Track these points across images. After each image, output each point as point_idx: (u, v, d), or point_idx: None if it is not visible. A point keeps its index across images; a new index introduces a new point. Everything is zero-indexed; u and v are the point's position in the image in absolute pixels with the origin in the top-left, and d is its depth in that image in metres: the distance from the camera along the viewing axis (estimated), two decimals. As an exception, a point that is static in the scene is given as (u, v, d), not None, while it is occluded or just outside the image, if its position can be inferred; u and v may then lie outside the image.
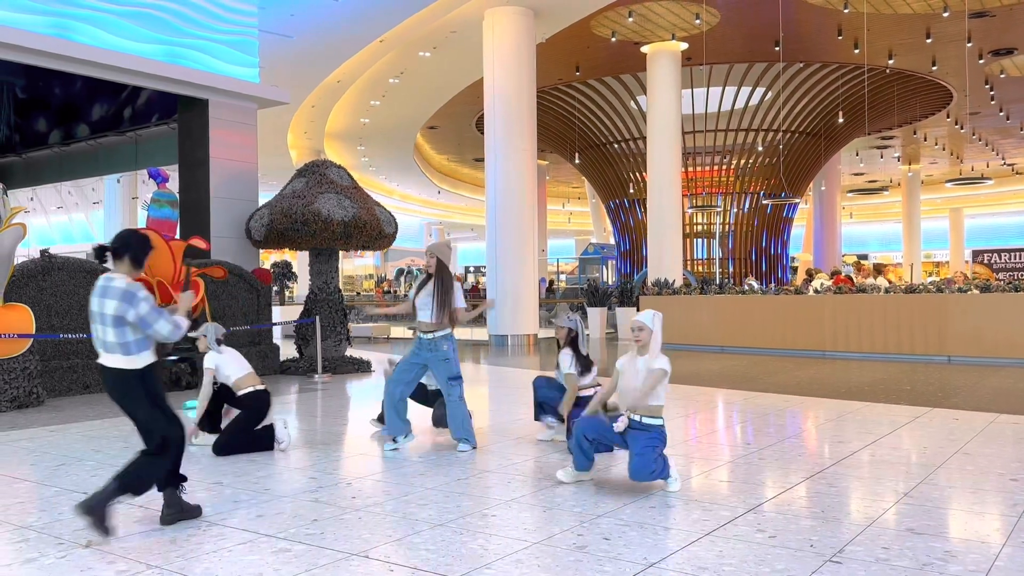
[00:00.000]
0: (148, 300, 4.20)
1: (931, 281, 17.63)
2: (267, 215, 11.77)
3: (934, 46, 21.23)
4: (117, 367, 4.20)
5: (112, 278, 4.22)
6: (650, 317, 5.04)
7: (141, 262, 4.37)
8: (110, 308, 4.15)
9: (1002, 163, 37.36)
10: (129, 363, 4.21)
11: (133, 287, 4.19)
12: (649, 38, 21.07)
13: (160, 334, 4.23)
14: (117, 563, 3.74)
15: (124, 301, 4.14)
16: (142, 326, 4.18)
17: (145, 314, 4.17)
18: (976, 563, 3.67)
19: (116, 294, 4.15)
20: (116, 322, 4.16)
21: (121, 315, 4.14)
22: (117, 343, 4.18)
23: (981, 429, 6.97)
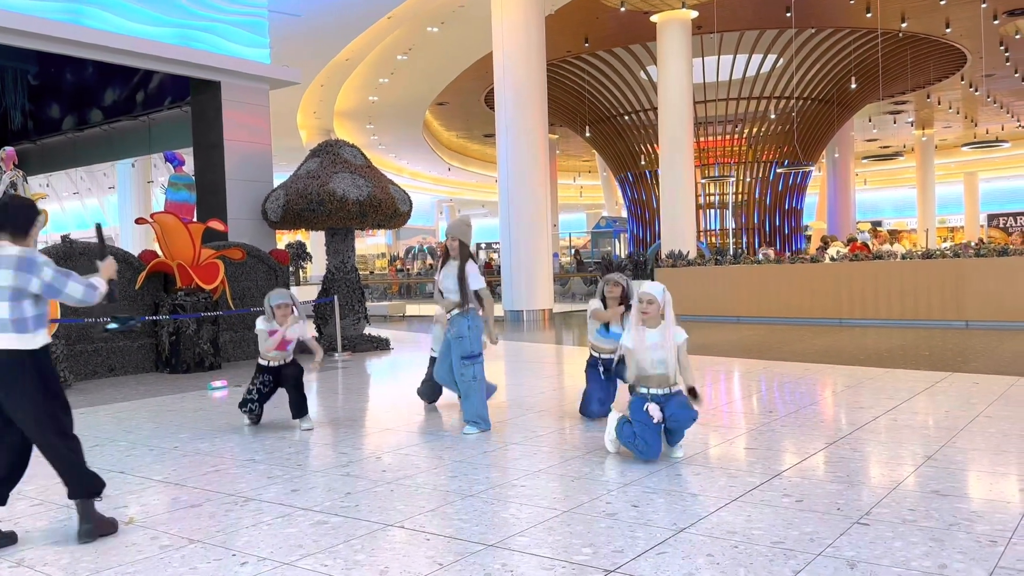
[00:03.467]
0: (50, 264, 3.70)
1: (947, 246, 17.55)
2: (283, 196, 11.82)
3: (948, 8, 20.97)
4: (10, 348, 3.64)
5: (2, 247, 3.66)
6: (660, 290, 4.95)
7: (26, 232, 3.76)
8: (6, 279, 3.60)
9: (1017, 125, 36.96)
10: (27, 343, 3.67)
11: (30, 252, 3.68)
12: (659, 7, 20.88)
13: (73, 298, 3.76)
14: (160, 539, 3.84)
15: (22, 270, 3.62)
16: (49, 293, 3.69)
17: (51, 279, 3.67)
18: (1003, 522, 3.72)
19: (10, 263, 3.62)
20: (13, 295, 3.62)
21: (21, 286, 3.62)
22: (9, 319, 3.63)
23: (1001, 393, 7.00)
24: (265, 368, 6.52)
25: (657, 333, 4.93)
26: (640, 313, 4.94)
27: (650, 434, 4.86)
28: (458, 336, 6.10)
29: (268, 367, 6.52)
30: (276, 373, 6.51)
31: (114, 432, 6.52)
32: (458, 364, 6.11)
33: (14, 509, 4.41)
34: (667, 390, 4.95)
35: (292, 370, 6.50)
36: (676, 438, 5.05)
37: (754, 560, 3.33)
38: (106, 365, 10.19)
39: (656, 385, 4.95)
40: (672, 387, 4.97)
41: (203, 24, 12.25)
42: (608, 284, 6.17)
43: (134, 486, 4.83)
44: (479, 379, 6.10)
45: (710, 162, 27.79)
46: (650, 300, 4.92)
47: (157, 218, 10.47)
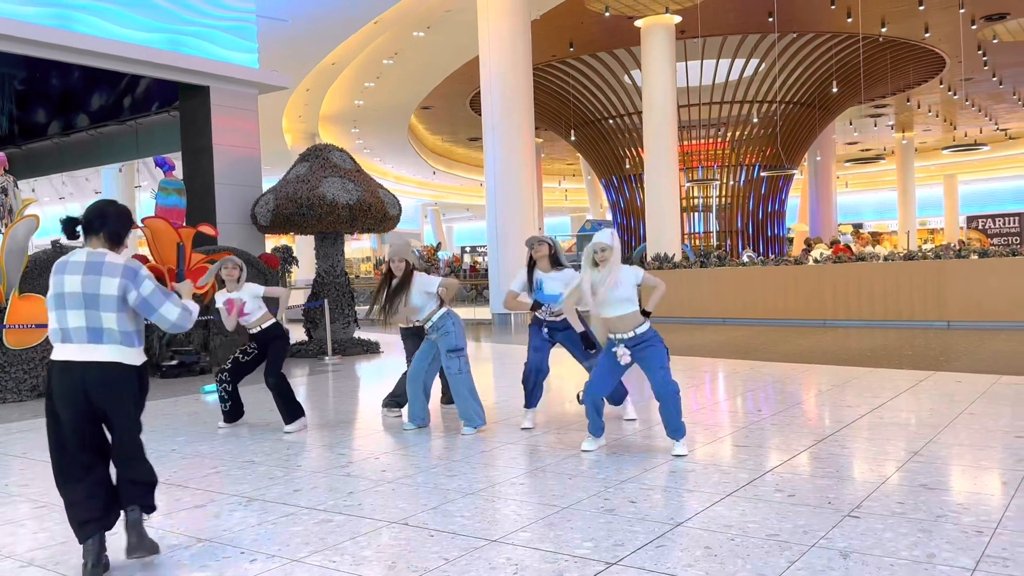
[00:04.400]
0: (151, 278, 3.45)
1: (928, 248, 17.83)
2: (272, 200, 11.87)
3: (927, 13, 21.26)
4: (116, 361, 3.35)
5: (104, 252, 3.38)
6: (609, 235, 5.21)
7: (121, 239, 3.49)
8: (111, 287, 3.31)
9: (995, 128, 37.45)
10: (130, 357, 3.39)
11: (133, 262, 3.43)
12: (643, 12, 21.07)
13: (167, 320, 3.46)
14: (168, 538, 3.90)
15: (128, 279, 3.35)
16: (143, 309, 3.40)
17: (149, 295, 3.38)
18: (987, 514, 3.86)
19: (116, 270, 3.34)
20: (119, 304, 3.34)
21: (124, 295, 3.34)
22: (119, 331, 3.35)
23: (984, 391, 7.17)
24: (250, 335, 6.63)
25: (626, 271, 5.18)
26: (599, 261, 5.17)
27: (606, 370, 5.22)
28: (444, 333, 6.18)
29: (252, 334, 6.61)
30: (258, 339, 6.59)
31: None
32: (445, 358, 6.20)
33: (17, 511, 4.46)
34: (632, 334, 5.13)
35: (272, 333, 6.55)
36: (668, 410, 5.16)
37: (751, 552, 3.44)
38: (97, 370, 10.19)
39: (626, 328, 5.14)
40: (640, 326, 5.14)
41: (192, 29, 12.29)
42: (533, 245, 6.17)
43: (136, 488, 4.88)
44: (464, 372, 6.18)
45: (693, 165, 28.01)
46: (603, 248, 5.16)
47: (148, 223, 10.49)
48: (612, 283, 5.08)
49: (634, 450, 5.38)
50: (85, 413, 3.38)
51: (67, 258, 3.39)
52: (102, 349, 3.33)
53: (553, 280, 6.08)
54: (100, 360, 3.32)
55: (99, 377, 3.32)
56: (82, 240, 3.51)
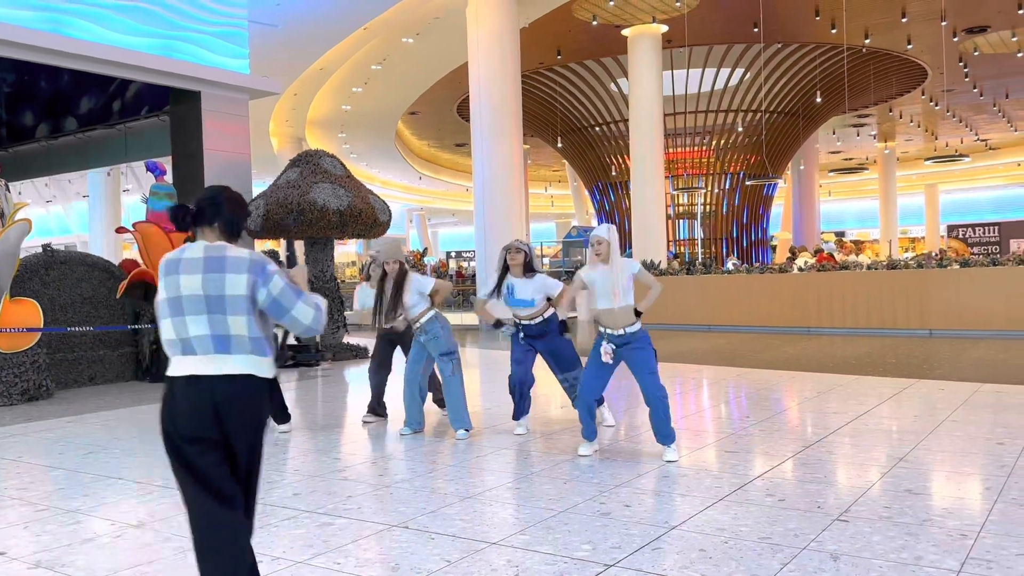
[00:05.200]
0: (280, 274, 2.83)
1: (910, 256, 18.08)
2: (263, 205, 11.92)
3: (909, 25, 21.58)
4: (247, 374, 2.71)
5: (224, 246, 2.78)
6: (606, 230, 5.37)
7: (239, 230, 2.92)
8: (238, 286, 2.71)
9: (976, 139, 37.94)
10: (260, 368, 2.75)
11: (261, 256, 2.81)
12: (630, 21, 21.25)
13: (301, 324, 2.83)
14: (172, 540, 3.96)
15: (256, 274, 2.74)
16: (274, 311, 2.78)
17: (279, 294, 2.76)
18: (971, 518, 3.99)
19: (242, 265, 2.73)
20: (249, 305, 2.73)
21: (253, 295, 2.75)
22: (248, 337, 2.72)
23: (966, 398, 7.32)
24: None
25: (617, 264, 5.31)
26: (595, 254, 5.34)
27: (591, 372, 5.39)
28: (433, 337, 6.28)
29: None
30: None
31: (105, 440, 6.60)
32: (439, 361, 6.30)
33: (19, 514, 4.50)
34: (622, 331, 5.26)
35: None
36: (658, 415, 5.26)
37: (744, 554, 3.55)
38: (86, 374, 10.20)
39: (617, 324, 5.27)
40: (629, 327, 5.27)
41: (183, 35, 12.31)
42: (509, 251, 6.23)
43: (135, 491, 4.94)
44: (457, 374, 6.29)
45: (678, 173, 28.21)
46: (599, 241, 5.33)
47: (139, 227, 10.51)
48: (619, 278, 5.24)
49: (626, 455, 5.49)
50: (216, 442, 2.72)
51: (179, 255, 2.80)
52: (231, 360, 2.71)
53: (524, 286, 6.15)
54: (230, 373, 2.70)
55: (230, 392, 2.69)
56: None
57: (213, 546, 2.75)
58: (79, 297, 10.18)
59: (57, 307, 9.92)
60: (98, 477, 5.32)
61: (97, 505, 4.65)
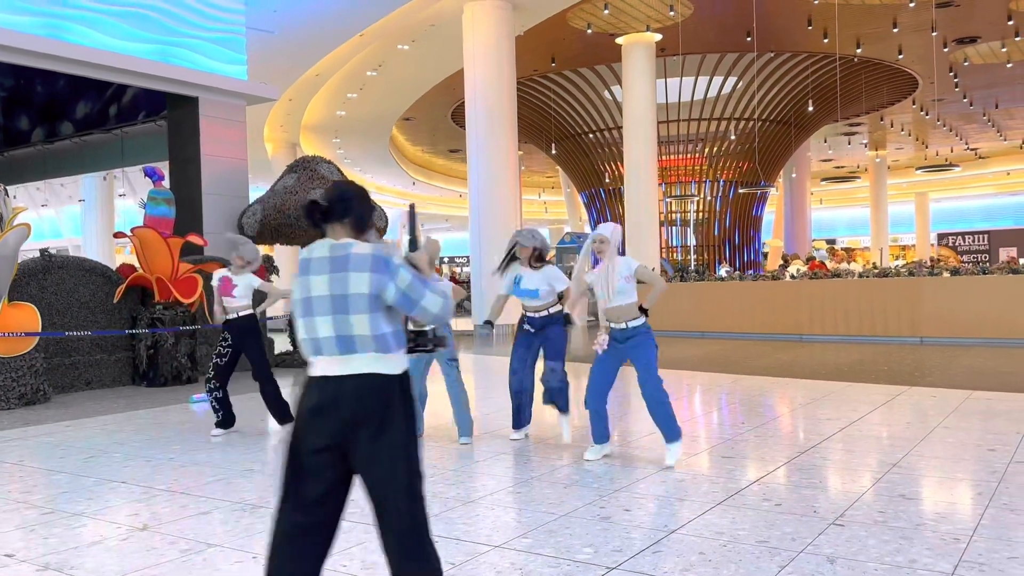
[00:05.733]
0: (406, 266, 2.77)
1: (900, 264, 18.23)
2: (260, 211, 11.96)
3: (900, 35, 21.78)
4: (374, 372, 2.67)
5: (348, 243, 2.74)
6: (610, 230, 5.44)
7: (366, 225, 2.86)
8: (361, 284, 2.68)
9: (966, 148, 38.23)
10: (389, 366, 2.71)
11: (383, 250, 2.77)
12: (624, 30, 21.41)
13: (430, 313, 2.80)
14: (179, 543, 4.02)
15: (380, 272, 2.69)
16: (403, 304, 2.73)
17: (407, 287, 2.72)
18: (963, 522, 4.07)
19: (365, 263, 2.69)
20: (372, 303, 2.69)
21: (378, 293, 2.70)
22: (371, 336, 2.69)
23: (957, 405, 7.42)
24: (225, 322, 6.88)
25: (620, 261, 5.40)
26: (596, 252, 5.43)
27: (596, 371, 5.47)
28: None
29: (226, 320, 6.86)
30: (232, 329, 6.83)
31: (106, 444, 6.64)
32: (446, 366, 6.34)
33: (24, 517, 4.55)
34: (625, 326, 5.35)
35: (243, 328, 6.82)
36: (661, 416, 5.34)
37: (742, 557, 3.62)
38: (83, 379, 10.22)
39: (620, 318, 5.37)
40: (634, 320, 5.36)
41: (182, 40, 12.37)
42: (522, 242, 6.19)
43: (139, 495, 4.98)
44: (460, 381, 6.34)
45: (671, 180, 28.36)
46: (602, 240, 5.41)
47: (137, 232, 10.55)
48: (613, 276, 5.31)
49: (624, 461, 5.55)
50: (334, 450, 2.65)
51: (308, 254, 2.78)
52: (354, 360, 2.68)
53: (531, 276, 6.16)
54: (354, 373, 2.68)
55: (353, 391, 2.65)
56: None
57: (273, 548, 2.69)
58: (76, 302, 10.21)
59: (55, 311, 9.95)
60: (100, 481, 5.36)
61: (101, 508, 4.70)
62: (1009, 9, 19.72)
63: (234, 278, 6.86)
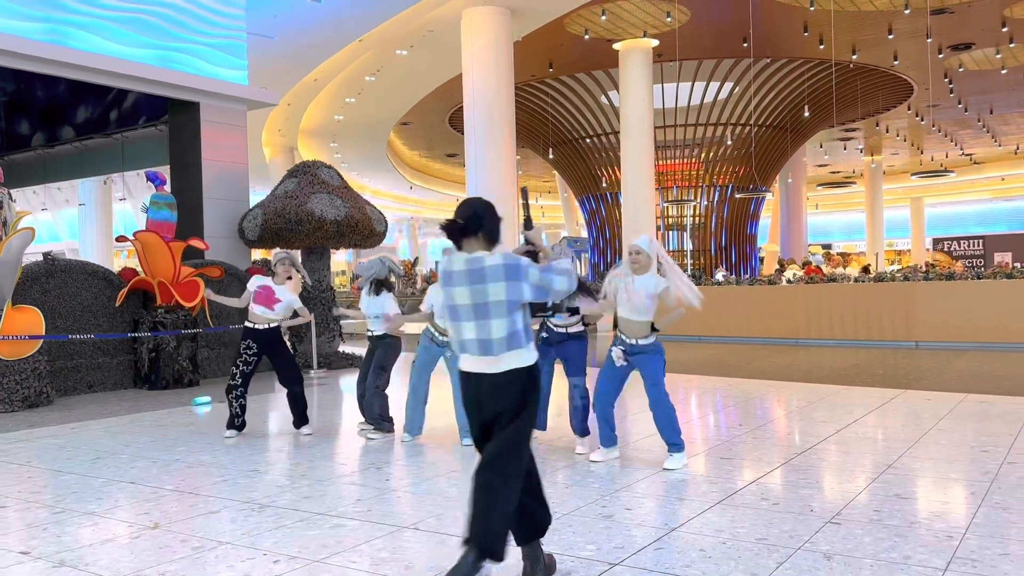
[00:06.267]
0: (531, 263, 3.27)
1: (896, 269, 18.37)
2: (260, 215, 12.05)
3: (896, 42, 21.95)
4: (515, 368, 3.22)
5: (481, 257, 3.24)
6: (646, 241, 5.43)
7: (498, 237, 3.37)
8: (497, 293, 3.18)
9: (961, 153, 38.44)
10: (523, 359, 3.24)
11: (511, 257, 3.26)
12: (621, 35, 21.52)
13: (559, 293, 3.30)
14: (190, 541, 4.10)
15: (512, 279, 3.19)
16: (539, 295, 3.25)
17: (538, 280, 3.22)
18: (957, 521, 4.17)
19: (499, 273, 3.18)
20: (508, 308, 3.20)
21: (514, 299, 3.21)
22: (506, 336, 3.20)
23: (951, 408, 7.53)
24: (250, 331, 6.89)
25: (645, 278, 5.37)
26: (631, 263, 5.42)
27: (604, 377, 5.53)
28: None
29: (253, 329, 6.89)
30: (258, 339, 6.87)
31: (111, 446, 6.71)
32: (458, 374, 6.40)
33: (36, 516, 4.63)
34: (635, 341, 5.41)
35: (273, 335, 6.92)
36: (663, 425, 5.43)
37: (742, 554, 3.72)
38: (85, 381, 10.29)
39: (632, 334, 5.43)
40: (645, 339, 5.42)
41: (183, 46, 12.46)
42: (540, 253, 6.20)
43: (149, 495, 5.06)
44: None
45: (668, 185, 28.49)
46: (637, 251, 5.42)
47: (139, 236, 10.63)
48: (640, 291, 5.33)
49: (624, 462, 5.65)
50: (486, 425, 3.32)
51: (449, 267, 3.31)
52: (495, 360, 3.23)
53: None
54: (494, 372, 3.24)
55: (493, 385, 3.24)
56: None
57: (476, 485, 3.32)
58: (79, 305, 10.28)
59: (57, 315, 10.01)
60: (109, 481, 5.44)
61: (112, 508, 4.78)
62: (1003, 16, 19.89)
63: (277, 291, 6.90)
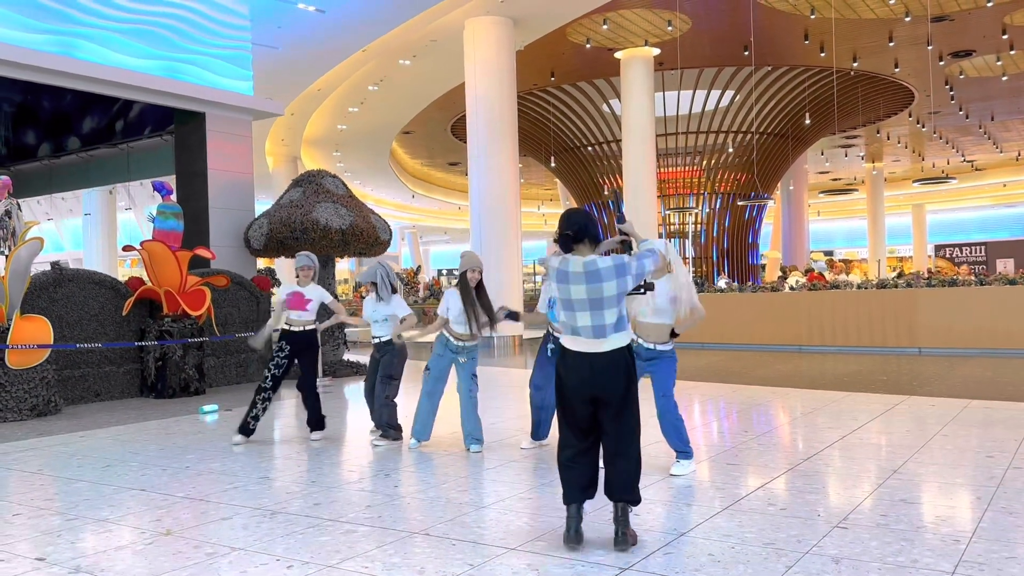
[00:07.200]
0: (630, 260, 4.05)
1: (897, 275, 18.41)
2: (266, 224, 12.12)
3: (896, 49, 22.05)
4: (620, 347, 4.00)
5: (594, 260, 3.99)
6: (663, 245, 5.29)
7: (599, 240, 4.11)
8: (610, 289, 3.96)
9: (962, 160, 38.52)
10: (626, 339, 4.04)
11: (618, 259, 4.03)
12: (623, 44, 21.65)
13: (653, 272, 4.20)
14: (203, 547, 4.14)
15: (621, 276, 3.97)
16: (639, 279, 4.06)
17: (637, 267, 4.03)
18: (963, 525, 4.21)
19: (611, 273, 3.96)
20: (618, 299, 3.99)
21: (622, 291, 3.99)
22: (615, 323, 3.98)
23: (956, 414, 7.56)
24: (286, 332, 7.04)
25: (664, 282, 5.36)
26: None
27: None
28: (471, 357, 6.49)
29: (288, 331, 7.04)
30: (294, 341, 7.00)
31: (122, 454, 6.76)
32: (468, 381, 6.47)
33: (50, 523, 4.67)
34: (652, 346, 5.44)
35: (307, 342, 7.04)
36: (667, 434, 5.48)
37: (750, 558, 3.76)
38: (92, 390, 10.33)
39: (647, 337, 5.45)
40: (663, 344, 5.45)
41: (189, 57, 12.56)
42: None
43: (160, 502, 5.11)
44: (476, 395, 6.50)
45: (670, 193, 28.57)
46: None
47: (146, 246, 10.69)
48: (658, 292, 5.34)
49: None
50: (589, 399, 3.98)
51: (566, 268, 4.00)
52: (605, 342, 3.96)
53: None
54: (603, 351, 3.96)
55: (604, 363, 3.96)
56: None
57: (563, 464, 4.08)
58: (86, 314, 10.33)
59: (65, 324, 10.07)
60: (120, 488, 5.48)
61: (124, 515, 4.82)
62: (1003, 23, 19.98)
63: (305, 292, 7.05)
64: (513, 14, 17.87)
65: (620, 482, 3.99)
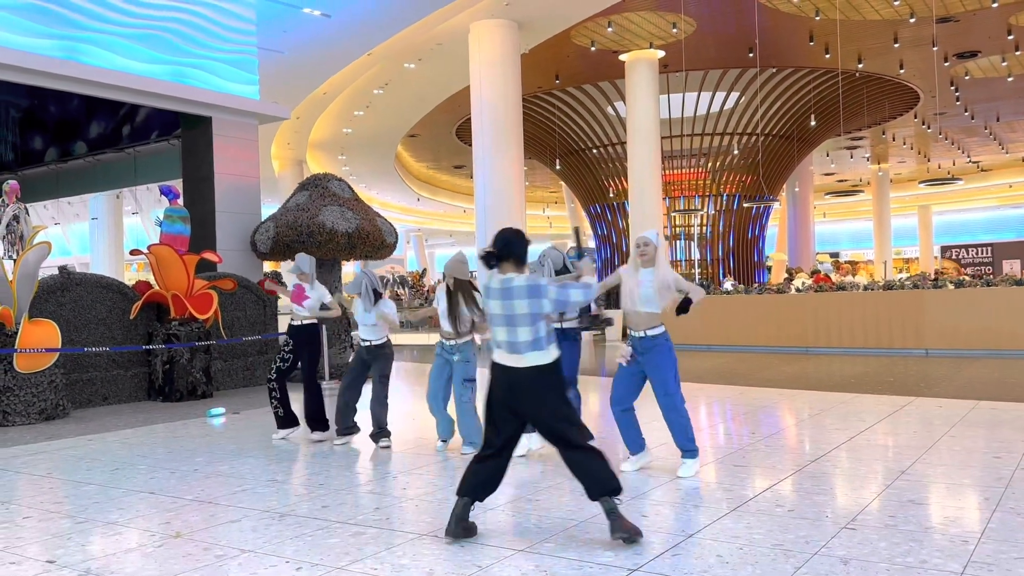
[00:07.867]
0: (550, 283, 4.19)
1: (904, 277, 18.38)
2: (272, 228, 12.15)
3: (901, 50, 22.01)
4: (538, 364, 4.11)
5: (511, 278, 4.14)
6: (655, 235, 5.52)
7: (524, 260, 4.25)
8: (522, 307, 4.08)
9: (968, 161, 38.42)
10: (547, 358, 4.13)
11: (533, 279, 4.14)
12: (627, 47, 21.64)
13: (578, 302, 4.28)
14: (213, 549, 4.16)
15: (534, 296, 4.08)
16: (557, 308, 4.18)
17: (555, 297, 4.13)
18: (971, 526, 4.21)
19: (523, 292, 4.09)
20: (531, 319, 4.09)
21: (535, 312, 4.08)
22: (531, 341, 4.10)
23: (963, 415, 7.55)
24: (289, 327, 7.39)
25: (651, 272, 5.44)
26: (639, 256, 5.48)
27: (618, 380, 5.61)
28: (465, 360, 6.52)
29: (291, 325, 7.37)
30: (295, 334, 7.30)
31: (130, 457, 6.78)
32: (460, 386, 6.51)
33: (60, 526, 4.69)
34: (643, 334, 5.45)
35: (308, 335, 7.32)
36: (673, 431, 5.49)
37: (759, 559, 3.76)
38: (100, 394, 10.37)
39: (638, 326, 5.46)
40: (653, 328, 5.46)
41: (195, 61, 12.60)
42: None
43: (169, 505, 5.13)
44: (471, 401, 6.52)
45: (675, 195, 28.55)
46: (646, 243, 5.48)
47: (153, 250, 10.73)
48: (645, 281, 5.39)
49: (639, 470, 5.68)
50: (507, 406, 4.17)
51: (489, 283, 4.19)
52: (521, 358, 4.11)
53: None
54: (521, 367, 4.11)
55: (519, 378, 4.12)
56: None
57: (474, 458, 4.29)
58: (94, 318, 10.38)
59: (72, 328, 10.11)
60: (129, 491, 5.51)
61: (134, 517, 4.84)
62: (1008, 24, 19.94)
63: (307, 289, 7.35)
64: (518, 17, 17.88)
65: (588, 482, 4.10)
